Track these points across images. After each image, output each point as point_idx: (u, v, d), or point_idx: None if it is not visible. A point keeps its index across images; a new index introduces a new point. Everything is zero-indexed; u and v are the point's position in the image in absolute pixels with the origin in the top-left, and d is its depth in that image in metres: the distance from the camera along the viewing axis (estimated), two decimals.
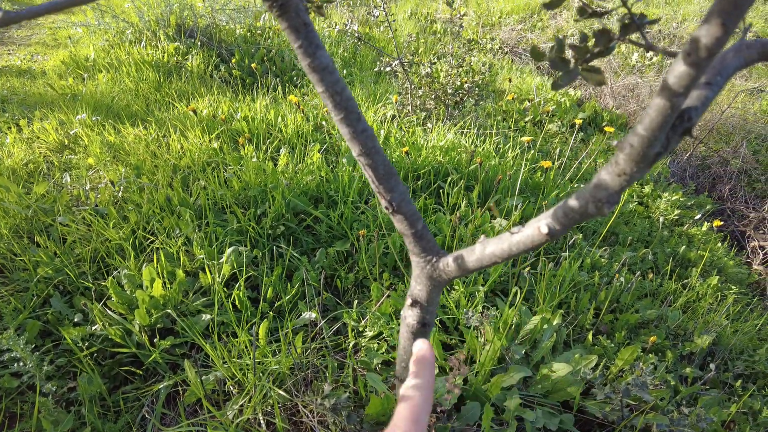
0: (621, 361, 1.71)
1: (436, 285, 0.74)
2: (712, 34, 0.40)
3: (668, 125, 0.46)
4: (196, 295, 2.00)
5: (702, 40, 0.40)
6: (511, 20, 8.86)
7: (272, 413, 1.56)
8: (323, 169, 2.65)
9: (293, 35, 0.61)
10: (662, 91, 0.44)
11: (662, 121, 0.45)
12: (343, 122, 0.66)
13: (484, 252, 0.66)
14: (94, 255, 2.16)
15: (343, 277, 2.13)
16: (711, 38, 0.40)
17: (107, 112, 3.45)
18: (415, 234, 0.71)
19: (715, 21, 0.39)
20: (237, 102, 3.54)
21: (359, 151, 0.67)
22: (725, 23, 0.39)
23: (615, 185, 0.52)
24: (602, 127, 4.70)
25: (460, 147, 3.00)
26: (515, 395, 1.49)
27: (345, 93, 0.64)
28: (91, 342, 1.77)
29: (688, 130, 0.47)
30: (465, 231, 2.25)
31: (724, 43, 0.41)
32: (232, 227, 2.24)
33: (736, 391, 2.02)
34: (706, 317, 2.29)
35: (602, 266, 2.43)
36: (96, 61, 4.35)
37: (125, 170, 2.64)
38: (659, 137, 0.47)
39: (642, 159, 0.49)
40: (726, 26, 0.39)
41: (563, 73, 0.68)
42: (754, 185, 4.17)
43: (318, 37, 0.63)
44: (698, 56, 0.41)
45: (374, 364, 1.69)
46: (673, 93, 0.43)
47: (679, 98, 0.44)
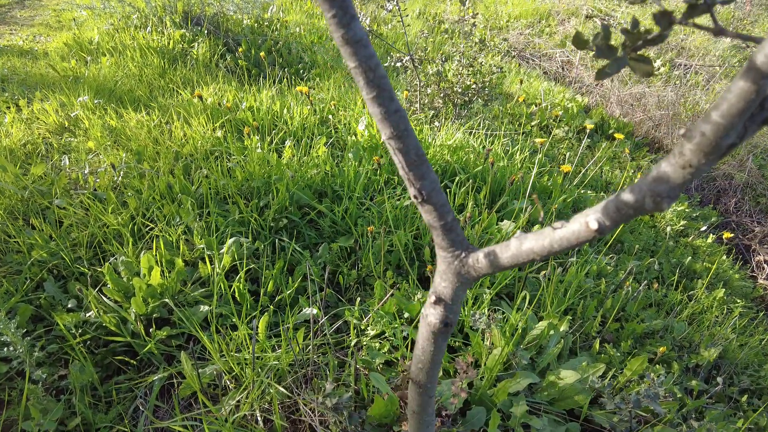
0: (629, 371, 1.67)
1: (463, 282, 0.69)
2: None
3: (749, 112, 0.41)
4: (194, 286, 1.94)
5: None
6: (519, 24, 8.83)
7: (270, 410, 1.51)
8: (329, 163, 2.60)
9: (327, 4, 0.56)
10: (747, 72, 0.40)
11: (743, 106, 0.41)
12: (375, 101, 0.61)
13: (520, 248, 0.61)
14: (91, 240, 2.10)
15: (345, 273, 2.09)
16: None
17: (110, 96, 3.39)
18: (444, 226, 0.67)
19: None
20: (242, 92, 3.48)
21: (390, 134, 0.63)
22: None
23: (678, 178, 0.47)
24: (609, 134, 4.67)
25: (469, 147, 2.95)
26: (522, 401, 1.45)
27: (379, 70, 0.59)
28: (85, 329, 1.71)
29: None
30: (472, 232, 2.20)
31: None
32: (234, 218, 2.19)
33: (741, 406, 1.98)
34: (712, 330, 2.25)
35: (608, 274, 2.39)
36: (100, 44, 4.29)
37: (126, 155, 2.59)
38: (736, 126, 0.42)
39: (713, 150, 0.44)
40: None
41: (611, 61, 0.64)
42: (759, 199, 4.14)
43: (353, 7, 0.58)
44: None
45: (376, 364, 1.65)
46: (761, 74, 0.39)
47: (766, 81, 0.39)
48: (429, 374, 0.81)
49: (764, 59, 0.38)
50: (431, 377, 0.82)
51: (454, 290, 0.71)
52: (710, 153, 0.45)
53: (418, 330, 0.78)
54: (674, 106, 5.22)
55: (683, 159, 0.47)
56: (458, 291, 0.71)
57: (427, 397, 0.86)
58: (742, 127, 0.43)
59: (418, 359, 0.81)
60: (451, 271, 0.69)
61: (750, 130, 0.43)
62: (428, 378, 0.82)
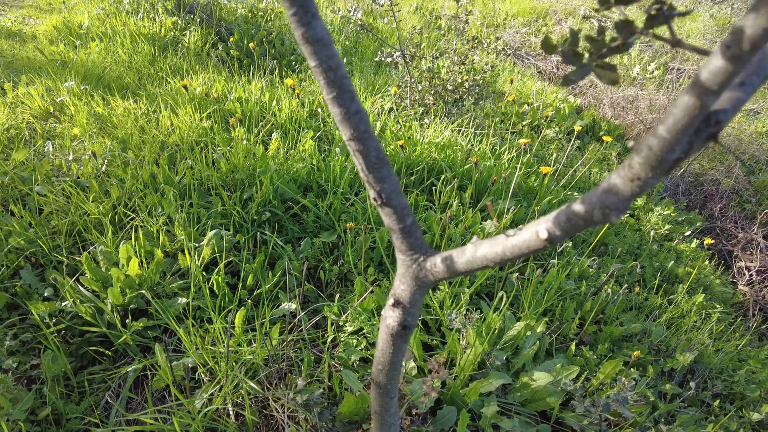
0: (602, 374, 1.68)
1: (421, 286, 0.69)
2: (759, 23, 0.35)
3: (693, 127, 0.41)
4: (173, 277, 1.93)
5: (747, 30, 0.35)
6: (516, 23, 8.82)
7: (243, 405, 1.51)
8: (315, 157, 2.59)
9: (287, 2, 0.55)
10: (692, 87, 0.39)
11: (688, 122, 0.41)
12: (335, 101, 0.60)
13: (475, 254, 0.61)
14: (71, 228, 2.08)
15: (327, 269, 2.08)
16: (758, 29, 0.35)
17: (97, 82, 3.35)
18: (404, 230, 0.66)
19: (765, 9, 0.35)
20: (232, 82, 3.45)
21: (350, 135, 0.62)
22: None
23: (626, 191, 0.47)
24: (599, 136, 4.68)
25: (457, 145, 2.95)
26: (493, 402, 1.45)
27: (340, 70, 0.58)
28: (60, 318, 1.70)
29: (714, 135, 0.42)
30: (455, 231, 2.20)
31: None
32: (217, 210, 2.17)
33: (713, 411, 2.01)
34: (690, 334, 2.27)
35: (590, 276, 2.40)
36: (90, 29, 4.23)
37: (111, 143, 2.56)
38: (681, 141, 0.42)
39: (660, 164, 0.44)
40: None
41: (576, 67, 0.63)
42: (744, 206, 4.18)
43: (315, 5, 0.57)
44: (740, 48, 0.36)
45: (352, 361, 1.65)
46: (705, 90, 0.39)
47: (710, 97, 0.39)
48: (389, 376, 0.81)
49: (708, 75, 0.38)
50: (391, 378, 0.82)
51: (412, 293, 0.70)
52: (657, 167, 0.44)
53: (379, 332, 0.78)
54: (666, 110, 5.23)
55: (632, 172, 0.46)
56: (416, 294, 0.70)
57: (388, 398, 0.86)
58: (687, 142, 0.43)
59: (378, 361, 0.81)
60: (410, 275, 0.69)
61: (695, 146, 0.43)
62: (388, 379, 0.82)
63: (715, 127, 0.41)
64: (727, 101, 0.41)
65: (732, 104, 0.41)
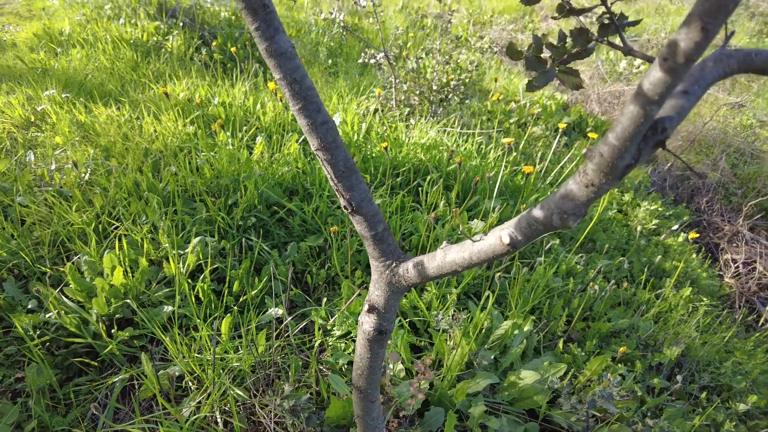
0: (589, 371, 1.69)
1: (395, 291, 0.69)
2: (691, 38, 0.36)
3: (641, 135, 0.42)
4: (159, 286, 1.92)
5: (680, 44, 0.36)
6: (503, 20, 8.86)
7: (230, 412, 1.51)
8: (300, 160, 2.58)
9: (250, 17, 0.56)
10: (636, 97, 0.40)
11: (634, 130, 0.41)
12: (302, 113, 0.61)
13: (444, 259, 0.61)
14: (54, 239, 2.07)
15: (314, 273, 2.08)
16: (690, 42, 0.36)
17: (79, 90, 3.32)
18: (375, 237, 0.67)
19: (695, 24, 0.35)
20: (216, 86, 3.44)
21: (318, 145, 0.62)
22: (706, 27, 0.35)
23: (582, 197, 0.48)
24: (586, 133, 4.71)
25: (442, 145, 2.96)
26: (480, 402, 1.46)
27: (305, 82, 0.59)
28: (44, 330, 1.68)
29: (662, 142, 0.43)
30: (441, 231, 2.21)
31: (703, 48, 0.37)
32: (201, 216, 2.17)
33: (700, 403, 2.03)
34: (677, 328, 2.30)
35: (577, 273, 2.42)
36: (71, 35, 4.19)
37: (94, 151, 2.54)
38: (630, 148, 0.43)
39: (611, 170, 0.45)
40: (707, 30, 0.35)
41: (539, 73, 0.64)
42: (731, 198, 4.22)
43: (278, 19, 0.57)
44: (675, 61, 0.37)
45: (340, 365, 1.65)
46: (647, 100, 0.39)
47: (653, 106, 0.40)
48: (368, 380, 0.82)
49: (649, 86, 0.39)
50: (371, 383, 0.83)
51: (386, 299, 0.71)
52: (609, 173, 0.45)
53: (357, 338, 0.79)
54: None
55: (586, 178, 0.47)
56: (391, 300, 0.71)
57: (369, 402, 0.87)
58: (636, 149, 0.44)
59: (357, 366, 0.81)
60: (383, 281, 0.69)
61: (644, 152, 0.44)
62: (368, 384, 0.83)
63: (662, 134, 0.42)
64: (671, 109, 0.42)
65: (676, 112, 0.42)
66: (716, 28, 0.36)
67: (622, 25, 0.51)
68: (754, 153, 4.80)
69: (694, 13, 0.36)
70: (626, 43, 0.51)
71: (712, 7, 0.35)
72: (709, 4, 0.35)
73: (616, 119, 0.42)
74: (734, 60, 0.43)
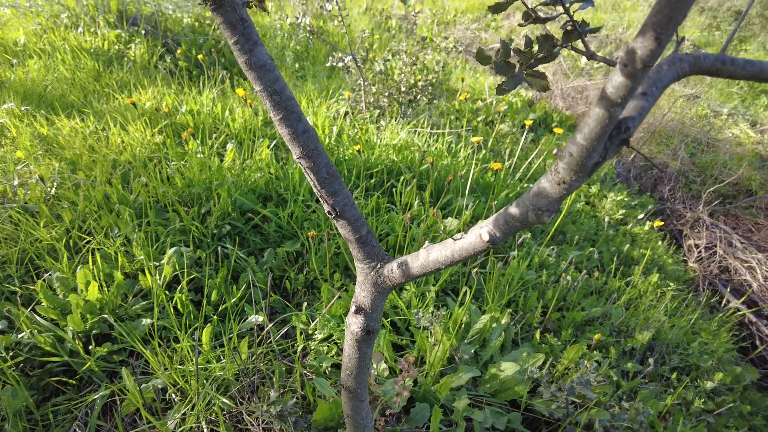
0: (566, 359, 1.75)
1: (380, 291, 0.71)
2: (646, 46, 0.39)
3: (606, 135, 0.46)
4: (135, 299, 1.89)
5: (637, 52, 0.40)
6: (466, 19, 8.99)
7: (217, 422, 1.50)
8: (273, 165, 2.58)
9: (229, 31, 0.57)
10: (601, 100, 0.44)
11: (601, 130, 0.45)
12: (283, 122, 0.62)
13: (428, 258, 0.64)
14: (22, 257, 2.01)
15: (292, 278, 2.08)
16: (646, 50, 0.39)
17: (39, 102, 3.22)
18: (359, 239, 0.69)
19: (649, 34, 0.39)
20: (182, 94, 3.39)
21: (300, 153, 0.64)
22: (659, 36, 0.39)
23: (555, 194, 0.51)
24: (552, 128, 4.83)
25: (413, 146, 2.99)
26: (464, 396, 1.50)
27: (285, 92, 0.61)
28: (17, 351, 1.64)
29: (626, 140, 0.47)
30: (417, 231, 2.25)
31: (658, 55, 0.40)
32: (175, 227, 2.14)
33: (672, 384, 2.12)
34: (647, 314, 2.39)
35: (550, 265, 2.49)
36: (27, 45, 4.06)
37: (59, 165, 2.48)
38: (597, 147, 0.46)
39: (581, 168, 0.48)
40: (660, 39, 0.39)
41: (508, 77, 0.68)
42: (691, 186, 4.40)
43: (256, 32, 0.59)
44: (634, 67, 0.40)
45: (323, 368, 1.66)
46: (611, 103, 0.43)
47: (616, 108, 0.43)
48: (357, 379, 0.84)
49: (612, 90, 0.42)
50: (359, 382, 0.85)
51: (372, 299, 0.73)
52: (578, 171, 0.49)
53: (345, 339, 0.81)
54: None
55: (558, 176, 0.50)
56: (377, 300, 0.73)
57: (359, 401, 0.89)
58: (603, 148, 0.47)
59: (345, 366, 0.83)
60: (369, 282, 0.72)
61: (611, 151, 0.47)
62: (357, 383, 0.85)
63: (626, 133, 0.46)
64: (633, 109, 0.46)
65: (638, 112, 0.45)
66: (668, 37, 0.39)
67: (584, 32, 0.54)
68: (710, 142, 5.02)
69: (648, 24, 0.39)
70: (588, 48, 0.54)
71: (663, 19, 0.38)
72: (661, 17, 0.38)
73: (582, 121, 0.46)
74: (686, 63, 0.47)
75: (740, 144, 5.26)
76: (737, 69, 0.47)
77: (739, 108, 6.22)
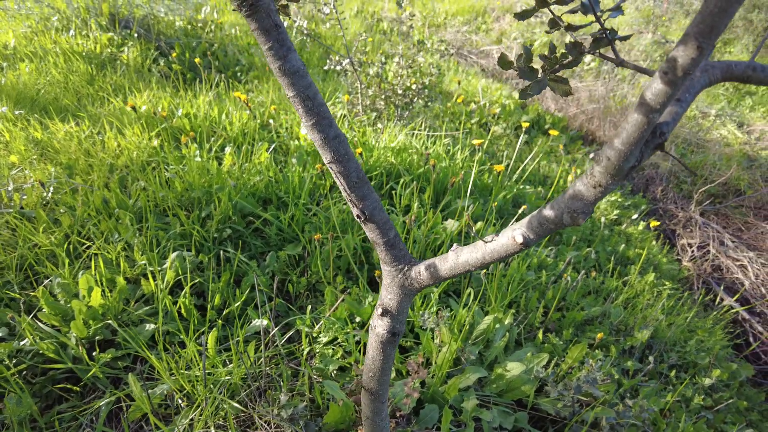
0: (571, 358, 1.78)
1: (407, 294, 0.72)
2: (688, 54, 0.41)
3: (644, 140, 0.47)
4: (138, 304, 1.88)
5: (679, 60, 0.41)
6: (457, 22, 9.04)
7: (225, 426, 1.50)
8: (272, 169, 2.58)
9: (263, 37, 0.58)
10: (639, 106, 0.45)
11: (639, 135, 0.46)
12: (315, 128, 0.63)
13: (457, 260, 0.65)
14: (21, 262, 1.99)
15: (295, 281, 2.08)
16: (687, 59, 0.41)
17: (32, 106, 3.19)
18: (387, 243, 0.70)
19: (691, 43, 0.40)
20: (178, 98, 3.37)
21: (331, 158, 0.65)
22: (701, 45, 0.40)
23: (590, 196, 0.53)
24: (545, 129, 4.88)
25: (412, 148, 3.01)
26: (472, 396, 1.51)
27: (317, 98, 0.61)
28: (20, 358, 1.62)
29: (661, 144, 0.48)
30: (418, 233, 2.26)
31: (698, 63, 0.42)
32: (175, 231, 2.13)
33: (671, 381, 2.15)
34: (645, 312, 2.43)
35: (549, 265, 2.52)
36: (17, 48, 4.01)
37: (55, 170, 2.45)
38: (634, 151, 0.48)
39: (617, 172, 0.50)
40: (702, 48, 0.40)
41: (532, 82, 0.69)
42: (682, 186, 4.47)
43: (289, 39, 0.60)
44: (675, 75, 0.42)
45: (330, 371, 1.66)
46: (650, 109, 0.44)
47: (655, 114, 0.45)
48: (380, 381, 0.85)
49: (652, 96, 0.44)
50: (382, 384, 0.85)
51: (399, 302, 0.74)
52: (615, 174, 0.50)
53: (368, 341, 0.81)
54: (605, 100, 5.53)
55: (594, 180, 0.52)
56: (403, 302, 0.74)
57: (380, 402, 0.89)
58: (639, 152, 0.48)
59: (368, 368, 0.84)
60: (396, 284, 0.72)
61: (646, 154, 0.49)
62: (379, 385, 0.85)
63: (661, 137, 0.47)
64: (668, 115, 0.47)
65: (672, 117, 0.47)
66: (710, 46, 0.41)
67: (613, 39, 0.56)
68: (699, 143, 5.10)
69: (690, 33, 0.41)
70: (618, 54, 0.56)
71: (705, 28, 0.40)
72: (704, 26, 0.40)
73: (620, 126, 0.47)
74: (718, 70, 0.49)
75: (728, 144, 5.35)
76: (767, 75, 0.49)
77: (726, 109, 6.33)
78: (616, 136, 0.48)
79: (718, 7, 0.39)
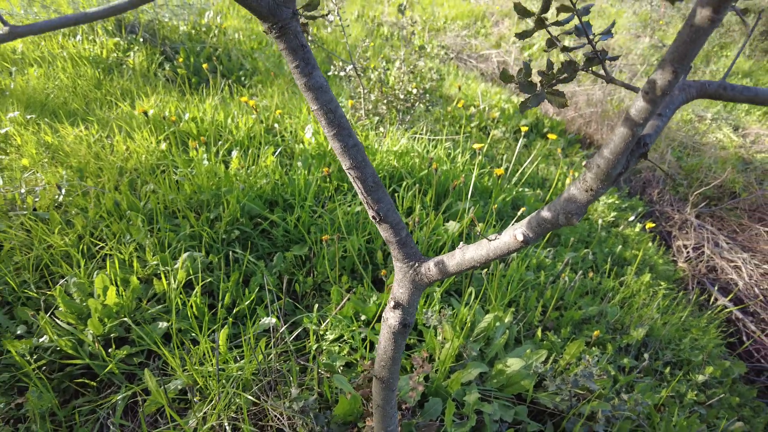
0: (568, 355, 1.84)
1: (417, 288, 0.79)
2: (665, 77, 0.48)
3: (629, 150, 0.54)
4: (151, 303, 1.95)
5: (658, 82, 0.48)
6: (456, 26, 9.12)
7: (237, 419, 1.56)
8: (278, 172, 2.64)
9: (291, 56, 0.65)
10: (625, 121, 0.52)
11: (624, 146, 0.53)
12: (336, 138, 0.70)
13: (464, 257, 0.72)
14: (37, 263, 2.05)
15: (301, 281, 2.15)
16: (665, 81, 0.48)
17: (42, 110, 3.26)
18: (400, 241, 0.76)
19: (668, 68, 0.47)
20: (184, 102, 3.45)
21: (350, 165, 0.72)
22: (676, 70, 0.47)
23: (583, 199, 0.60)
24: (544, 133, 4.96)
25: (413, 152, 3.08)
26: (474, 390, 1.58)
27: (338, 111, 0.68)
28: (39, 354, 1.69)
29: (644, 154, 0.55)
30: (421, 234, 2.33)
31: (674, 84, 0.49)
32: (185, 232, 2.20)
33: (665, 377, 2.22)
34: (640, 311, 2.50)
35: (547, 266, 2.59)
36: (25, 53, 4.08)
37: (66, 173, 2.52)
38: (621, 160, 0.55)
39: (606, 178, 0.57)
40: (677, 72, 0.48)
41: (531, 96, 0.76)
42: (678, 189, 4.55)
43: (313, 57, 0.67)
44: (655, 95, 0.49)
45: (337, 366, 1.73)
46: (634, 123, 0.51)
47: (638, 128, 0.52)
48: (390, 370, 0.91)
49: (635, 112, 0.51)
50: (393, 373, 0.92)
51: (410, 295, 0.81)
52: (605, 180, 0.57)
53: (380, 332, 0.88)
54: (602, 104, 5.61)
55: (586, 184, 0.59)
56: (414, 296, 0.81)
57: (390, 390, 0.96)
58: (625, 160, 0.55)
59: (380, 358, 0.90)
60: (407, 280, 0.79)
61: (631, 163, 0.56)
62: (390, 373, 0.92)
63: (644, 148, 0.54)
64: (650, 128, 0.54)
65: (654, 130, 0.54)
66: (684, 70, 0.48)
67: (604, 59, 0.63)
68: (695, 146, 5.18)
69: (667, 59, 0.48)
70: (608, 73, 0.63)
71: (679, 56, 0.47)
72: (677, 54, 0.47)
73: (608, 138, 0.54)
74: (693, 89, 0.56)
75: (724, 148, 5.44)
76: (736, 94, 0.56)
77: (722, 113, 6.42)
78: (605, 146, 0.55)
79: (689, 38, 0.46)
